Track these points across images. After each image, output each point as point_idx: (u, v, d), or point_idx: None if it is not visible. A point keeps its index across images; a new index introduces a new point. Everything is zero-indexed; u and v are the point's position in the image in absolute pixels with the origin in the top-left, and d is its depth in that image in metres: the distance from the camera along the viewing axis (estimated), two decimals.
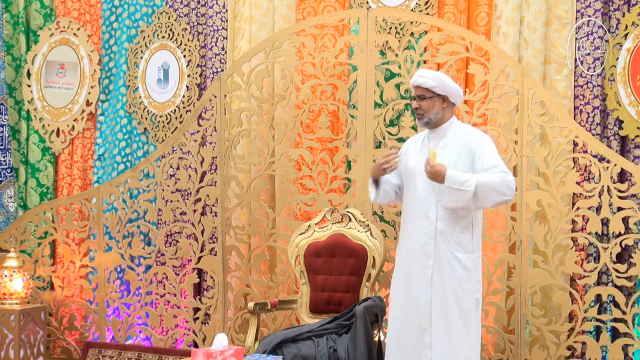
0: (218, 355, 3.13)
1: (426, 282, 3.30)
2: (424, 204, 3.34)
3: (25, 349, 4.90)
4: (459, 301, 3.29)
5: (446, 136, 3.41)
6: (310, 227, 4.31)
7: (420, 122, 3.43)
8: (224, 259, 4.79)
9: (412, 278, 3.35)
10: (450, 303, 3.29)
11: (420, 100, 3.40)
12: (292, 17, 4.94)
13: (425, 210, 3.34)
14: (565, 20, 4.40)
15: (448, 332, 3.28)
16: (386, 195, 3.54)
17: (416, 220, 3.37)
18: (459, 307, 3.29)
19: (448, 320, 3.29)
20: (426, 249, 3.32)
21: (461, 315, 3.29)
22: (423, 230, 3.33)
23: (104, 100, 5.58)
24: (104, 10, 5.58)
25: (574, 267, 4.13)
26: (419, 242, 3.34)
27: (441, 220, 3.31)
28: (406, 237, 3.42)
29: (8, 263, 4.99)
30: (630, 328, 4.01)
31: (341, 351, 3.65)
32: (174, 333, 5.03)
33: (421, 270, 3.32)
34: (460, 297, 3.29)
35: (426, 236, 3.32)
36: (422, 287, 3.31)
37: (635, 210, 4.00)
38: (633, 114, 4.20)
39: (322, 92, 4.71)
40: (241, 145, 4.83)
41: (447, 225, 3.31)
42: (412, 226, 3.38)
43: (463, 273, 3.30)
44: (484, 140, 3.39)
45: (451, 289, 3.29)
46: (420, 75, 3.42)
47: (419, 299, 3.32)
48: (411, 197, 3.42)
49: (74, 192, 5.53)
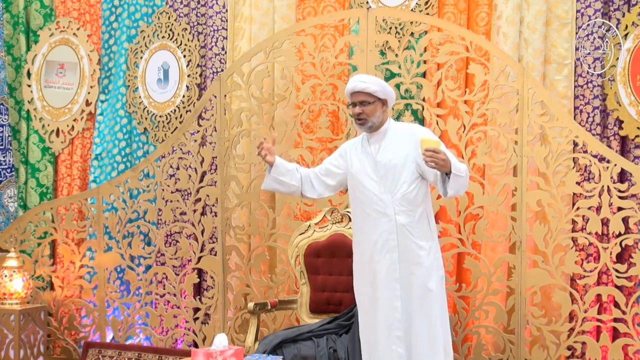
0: (218, 355, 3.13)
1: (394, 278, 3.34)
2: (379, 202, 3.39)
3: (25, 349, 4.90)
4: (429, 288, 3.34)
5: (386, 136, 3.47)
6: (310, 227, 4.32)
7: (363, 127, 3.47)
8: (224, 259, 4.79)
9: (377, 275, 3.37)
10: (422, 293, 3.33)
11: (362, 105, 3.43)
12: (292, 17, 4.94)
13: (380, 208, 3.38)
14: (565, 20, 4.40)
15: (425, 322, 3.33)
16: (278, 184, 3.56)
17: (372, 220, 3.40)
18: (431, 295, 3.34)
19: (423, 312, 3.33)
20: (389, 245, 3.36)
21: (433, 303, 3.35)
22: (383, 227, 3.37)
23: (103, 100, 5.58)
24: (104, 10, 5.58)
25: (574, 267, 4.13)
26: (380, 239, 3.37)
27: (400, 214, 3.36)
28: (365, 238, 3.45)
29: (8, 263, 4.99)
30: (630, 328, 4.01)
31: (341, 351, 3.66)
32: (174, 333, 5.03)
33: (387, 267, 3.35)
34: (429, 284, 3.35)
35: (386, 232, 3.36)
36: (390, 282, 3.34)
37: (635, 210, 4.00)
38: (633, 114, 4.20)
39: (322, 92, 4.71)
40: (241, 145, 4.83)
41: (406, 218, 3.36)
42: (369, 225, 3.41)
43: (429, 261, 3.37)
44: (428, 130, 3.60)
45: (420, 278, 3.34)
46: (361, 81, 3.45)
47: (387, 295, 3.35)
48: (361, 198, 3.46)
49: (73, 192, 5.53)
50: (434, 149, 3.19)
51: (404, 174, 3.40)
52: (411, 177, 3.40)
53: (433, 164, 3.19)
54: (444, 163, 3.19)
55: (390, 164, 3.41)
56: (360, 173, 3.47)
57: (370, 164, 3.45)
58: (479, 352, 4.27)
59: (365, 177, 3.45)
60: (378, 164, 3.44)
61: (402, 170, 3.40)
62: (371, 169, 3.44)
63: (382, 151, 3.45)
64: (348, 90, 3.49)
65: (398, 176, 3.39)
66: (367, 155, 3.49)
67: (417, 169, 3.40)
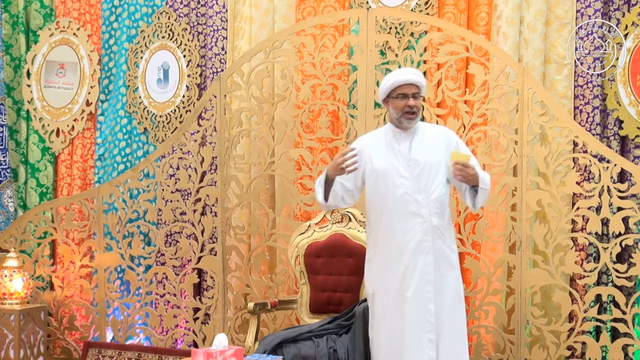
0: (218, 355, 3.13)
1: (427, 280, 3.27)
2: (412, 203, 3.29)
3: (25, 349, 4.90)
4: (459, 292, 3.35)
5: (417, 135, 3.39)
6: (310, 227, 4.32)
7: (412, 121, 3.35)
8: (224, 259, 4.79)
9: (408, 276, 3.28)
10: (454, 296, 3.31)
11: (415, 98, 3.34)
12: (292, 17, 4.94)
13: (414, 208, 3.29)
14: (565, 20, 4.40)
15: (455, 326, 3.30)
16: (335, 198, 3.39)
17: (405, 220, 3.30)
18: (460, 300, 3.34)
19: (454, 315, 3.31)
20: (423, 247, 3.28)
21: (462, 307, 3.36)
22: (416, 228, 3.28)
23: (103, 100, 5.58)
24: (104, 10, 5.58)
25: (574, 267, 4.13)
26: (413, 241, 3.28)
27: (434, 216, 3.30)
28: (394, 237, 3.33)
29: (8, 263, 4.99)
30: (630, 328, 4.01)
31: (341, 351, 3.65)
32: (174, 333, 5.03)
33: (420, 269, 3.28)
34: (459, 287, 3.36)
35: (421, 234, 3.28)
36: (424, 284, 3.27)
37: (635, 210, 4.00)
38: (633, 114, 4.20)
39: (322, 92, 4.71)
40: (241, 145, 4.83)
41: (439, 220, 3.31)
42: (399, 225, 3.31)
43: (456, 265, 3.37)
44: (455, 134, 3.53)
45: (452, 281, 3.32)
46: (415, 74, 3.38)
47: (419, 297, 3.26)
48: (389, 196, 3.33)
49: (73, 192, 5.53)
50: (463, 163, 3.16)
51: (439, 175, 3.33)
52: (444, 179, 3.34)
53: (461, 178, 3.18)
54: (473, 177, 3.18)
55: (426, 164, 3.32)
56: (389, 171, 3.34)
57: (402, 162, 3.33)
58: (479, 352, 4.27)
59: (395, 175, 3.33)
60: (412, 162, 3.33)
61: (437, 171, 3.32)
62: (403, 168, 3.32)
63: (415, 149, 3.34)
64: (401, 81, 3.32)
65: (433, 177, 3.32)
66: (395, 152, 3.36)
67: (447, 172, 3.34)
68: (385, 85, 3.38)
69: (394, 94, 3.35)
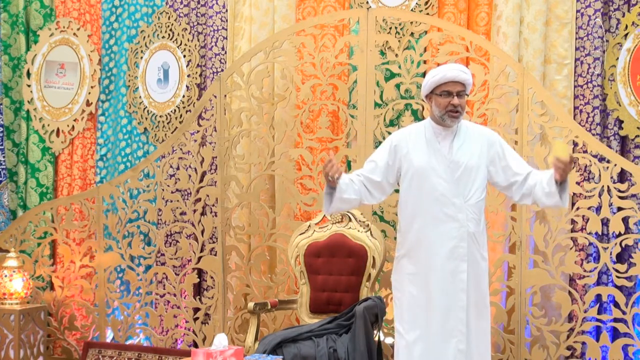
0: (218, 355, 3.13)
1: (461, 288, 3.15)
2: (450, 206, 3.16)
3: (25, 349, 4.90)
4: (486, 303, 3.25)
5: (459, 134, 3.24)
6: (310, 227, 4.32)
7: (456, 120, 3.20)
8: (224, 259, 4.79)
9: (440, 282, 3.15)
10: (482, 305, 3.22)
11: (460, 97, 3.18)
12: (292, 17, 4.94)
13: (451, 212, 3.16)
14: (565, 20, 4.40)
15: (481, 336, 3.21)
16: (342, 203, 3.22)
17: (440, 224, 3.17)
18: (487, 311, 3.26)
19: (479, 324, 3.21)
20: (457, 253, 3.15)
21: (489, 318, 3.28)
22: (451, 233, 3.15)
23: (104, 100, 5.58)
24: (104, 10, 5.58)
25: (574, 267, 4.13)
26: (446, 246, 3.15)
27: (470, 222, 3.17)
28: (427, 240, 3.19)
29: (8, 263, 4.99)
30: (630, 328, 4.01)
31: (341, 351, 3.66)
32: (174, 333, 5.03)
33: (453, 276, 3.15)
34: (487, 298, 3.27)
35: (456, 239, 3.15)
36: (457, 292, 3.15)
37: (635, 210, 4.00)
38: (633, 114, 4.20)
39: (322, 92, 4.71)
40: (241, 145, 4.83)
41: (475, 226, 3.19)
42: (433, 228, 3.18)
43: (486, 273, 3.27)
44: (498, 135, 3.36)
45: (483, 290, 3.23)
46: (462, 71, 3.22)
47: (451, 304, 3.15)
48: (425, 198, 3.20)
49: (73, 192, 5.53)
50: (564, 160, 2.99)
51: (478, 179, 3.21)
52: (483, 184, 3.23)
53: (562, 172, 3.01)
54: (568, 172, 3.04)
55: (468, 167, 3.19)
56: (427, 170, 3.20)
57: (442, 162, 3.20)
58: None
59: (433, 175, 3.19)
60: (453, 164, 3.19)
61: (476, 175, 3.20)
62: (443, 169, 3.19)
63: (456, 151, 3.20)
64: (448, 78, 3.18)
65: (472, 181, 3.19)
66: (435, 152, 3.22)
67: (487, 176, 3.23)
68: (430, 81, 3.23)
69: (438, 90, 3.21)
